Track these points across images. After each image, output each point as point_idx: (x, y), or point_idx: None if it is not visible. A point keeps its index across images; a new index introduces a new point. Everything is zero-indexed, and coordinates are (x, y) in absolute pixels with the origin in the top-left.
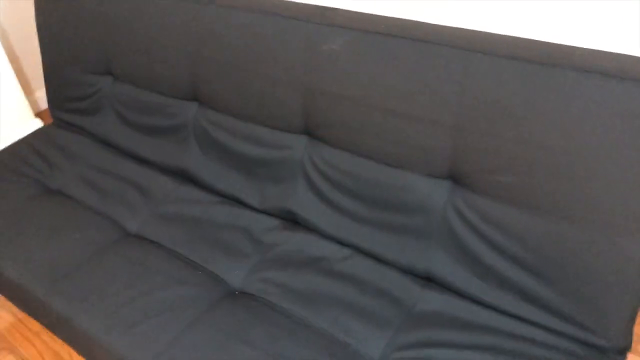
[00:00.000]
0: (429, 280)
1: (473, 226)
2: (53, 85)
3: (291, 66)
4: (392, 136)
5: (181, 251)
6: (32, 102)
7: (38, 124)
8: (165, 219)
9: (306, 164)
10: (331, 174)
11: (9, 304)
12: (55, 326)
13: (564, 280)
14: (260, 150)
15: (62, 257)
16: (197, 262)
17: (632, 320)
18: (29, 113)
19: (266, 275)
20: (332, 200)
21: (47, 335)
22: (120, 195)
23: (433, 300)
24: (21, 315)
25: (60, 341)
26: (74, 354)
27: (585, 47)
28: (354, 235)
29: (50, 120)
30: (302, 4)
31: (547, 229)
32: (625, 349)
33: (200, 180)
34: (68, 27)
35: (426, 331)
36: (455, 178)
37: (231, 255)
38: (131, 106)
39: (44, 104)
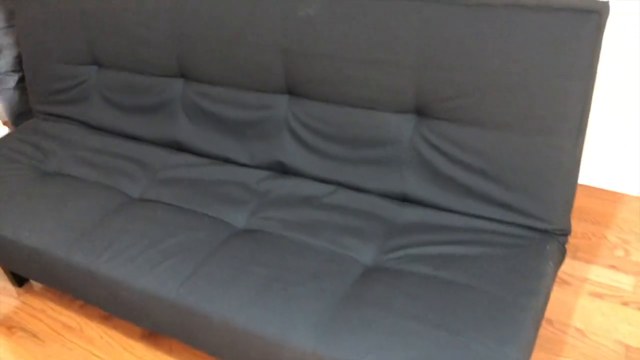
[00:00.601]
0: (405, 200)
1: (436, 147)
2: (36, 80)
3: (270, 32)
4: (364, 82)
5: (184, 205)
6: None
7: (4, 130)
8: (164, 182)
9: (290, 119)
10: (312, 124)
11: (11, 290)
12: (78, 285)
13: (514, 181)
14: (246, 113)
15: (75, 221)
16: (202, 212)
17: (569, 205)
18: None
19: (266, 214)
20: (315, 147)
21: (51, 310)
22: (118, 168)
23: (410, 214)
24: (23, 297)
25: (67, 312)
26: (83, 322)
27: None
28: (338, 173)
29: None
30: None
31: (496, 140)
32: (566, 231)
33: (192, 147)
34: (49, 22)
35: (407, 237)
36: (419, 110)
37: (231, 204)
38: (118, 90)
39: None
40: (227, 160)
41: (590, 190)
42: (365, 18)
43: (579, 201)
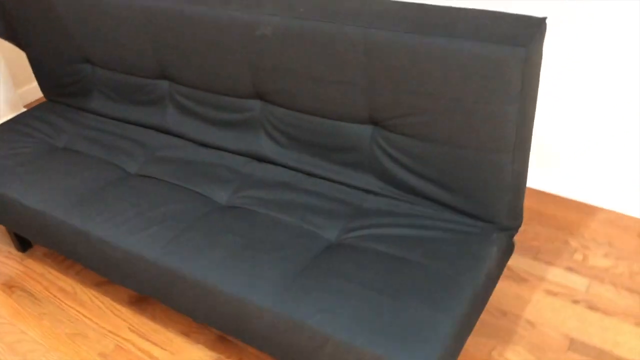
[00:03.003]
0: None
1: (391, 155)
2: (43, 76)
3: (236, 49)
4: (322, 97)
5: (175, 182)
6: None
7: None
8: (159, 161)
9: (264, 121)
10: (283, 128)
11: (15, 255)
12: (74, 245)
13: (461, 189)
14: (226, 115)
15: (77, 187)
16: (189, 188)
17: (515, 205)
18: (19, 105)
19: (246, 194)
20: (289, 147)
21: (50, 275)
22: (120, 147)
23: (375, 201)
24: (25, 261)
25: (64, 277)
26: (78, 287)
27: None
28: (311, 167)
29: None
30: None
31: (442, 152)
32: (511, 227)
33: (182, 135)
34: (46, 25)
35: (370, 219)
36: (375, 122)
37: (217, 182)
38: (112, 87)
39: (29, 97)
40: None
41: (564, 201)
42: (315, 40)
43: (550, 209)
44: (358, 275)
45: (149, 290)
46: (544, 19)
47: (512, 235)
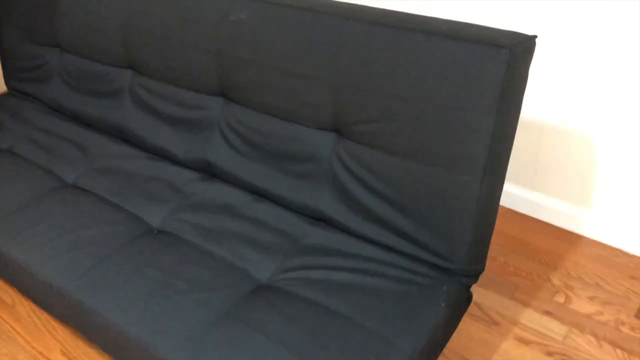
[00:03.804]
0: (319, 218)
1: (351, 170)
2: (8, 57)
3: (206, 35)
4: (287, 94)
5: (110, 198)
6: None
7: None
8: (99, 172)
9: (221, 121)
10: (241, 130)
11: None
12: None
13: (419, 213)
14: (183, 111)
15: (5, 198)
16: (123, 207)
17: (477, 246)
18: None
19: (182, 217)
20: (243, 152)
21: None
22: (62, 152)
23: (318, 235)
24: None
25: (5, 287)
26: (17, 299)
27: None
28: (261, 180)
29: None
30: None
31: (404, 168)
32: (469, 272)
33: (132, 134)
34: (24, 4)
35: (308, 258)
36: (338, 129)
37: (154, 201)
38: (76, 75)
39: None
40: (164, 154)
41: (552, 230)
42: (289, 27)
43: (536, 239)
44: (279, 330)
45: (66, 319)
46: (534, 36)
47: (470, 285)
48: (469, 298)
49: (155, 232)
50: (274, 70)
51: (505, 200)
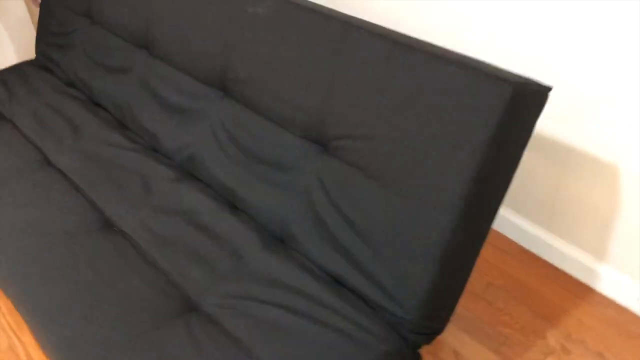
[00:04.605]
0: (283, 236)
1: (325, 188)
2: (45, 19)
3: (220, 23)
4: (282, 95)
5: (83, 186)
6: None
7: None
8: (84, 156)
9: (214, 116)
10: (231, 128)
11: None
12: None
13: (382, 245)
14: (181, 99)
15: None
16: (92, 198)
17: (438, 299)
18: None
19: (141, 216)
20: (226, 150)
21: None
22: (56, 131)
23: (268, 262)
24: None
25: None
26: None
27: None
28: (235, 181)
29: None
30: None
31: (380, 196)
32: (420, 329)
33: (131, 114)
34: None
35: (250, 286)
36: (323, 143)
37: (120, 195)
38: (97, 47)
39: None
40: (154, 140)
41: (562, 277)
42: (300, 27)
43: (540, 285)
44: None
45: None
46: (549, 87)
47: (419, 344)
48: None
49: (114, 229)
50: (274, 70)
51: (520, 239)
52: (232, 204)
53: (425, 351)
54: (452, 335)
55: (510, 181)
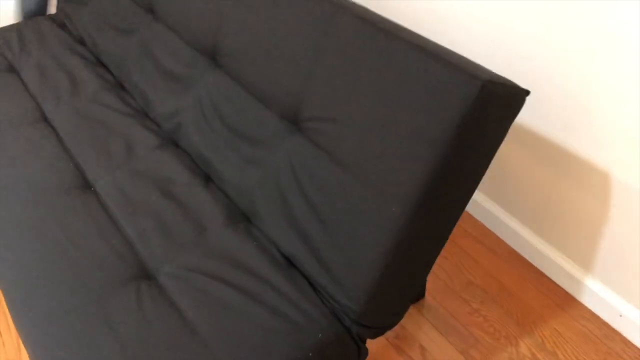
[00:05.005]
0: (249, 213)
1: (294, 169)
2: None
3: None
4: (266, 70)
5: (69, 145)
6: None
7: None
8: (77, 115)
9: (202, 85)
10: (216, 99)
11: None
12: None
13: (338, 231)
14: (175, 65)
15: None
16: (72, 154)
17: (387, 292)
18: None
19: (117, 180)
20: (209, 120)
21: None
22: (57, 87)
23: (230, 239)
24: None
25: None
26: None
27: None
28: (212, 151)
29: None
30: None
31: (342, 181)
32: (371, 323)
33: (129, 75)
34: None
35: (206, 261)
36: (297, 122)
37: (103, 158)
38: (108, 5)
39: None
40: (147, 103)
41: (547, 283)
42: (295, 3)
43: (523, 290)
44: (129, 335)
45: None
46: (526, 91)
47: (364, 338)
48: (360, 353)
49: (92, 189)
50: (261, 45)
51: (511, 240)
52: (208, 176)
53: (390, 343)
54: (422, 330)
55: (478, 181)
